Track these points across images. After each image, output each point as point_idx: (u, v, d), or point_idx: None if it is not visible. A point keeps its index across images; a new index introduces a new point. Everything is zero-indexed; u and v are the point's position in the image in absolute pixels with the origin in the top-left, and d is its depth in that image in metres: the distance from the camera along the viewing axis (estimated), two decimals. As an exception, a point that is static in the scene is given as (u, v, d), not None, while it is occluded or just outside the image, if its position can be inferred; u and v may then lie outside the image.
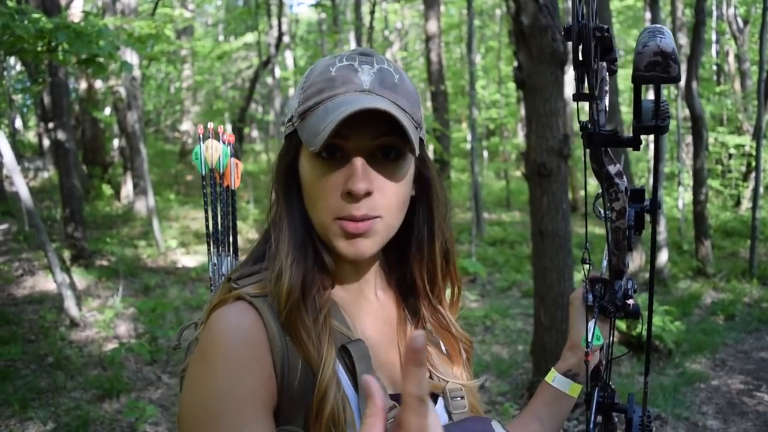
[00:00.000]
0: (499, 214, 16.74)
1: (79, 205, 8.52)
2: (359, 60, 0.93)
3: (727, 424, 4.79)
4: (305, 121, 0.91)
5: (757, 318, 7.47)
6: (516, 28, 4.72)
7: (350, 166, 0.90)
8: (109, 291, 7.51)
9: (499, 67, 19.52)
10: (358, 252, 0.92)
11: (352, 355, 0.90)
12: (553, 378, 1.15)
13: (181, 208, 13.23)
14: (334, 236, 0.92)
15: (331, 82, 0.91)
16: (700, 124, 9.88)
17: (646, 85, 0.75)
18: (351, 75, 0.91)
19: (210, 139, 1.26)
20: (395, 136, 0.90)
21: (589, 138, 0.79)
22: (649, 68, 0.71)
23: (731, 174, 17.47)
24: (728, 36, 18.40)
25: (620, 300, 0.99)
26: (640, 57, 0.71)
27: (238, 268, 1.00)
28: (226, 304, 0.91)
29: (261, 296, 0.91)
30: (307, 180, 0.94)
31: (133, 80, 10.96)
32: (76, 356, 5.64)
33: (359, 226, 0.90)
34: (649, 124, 0.77)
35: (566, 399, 1.14)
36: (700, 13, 9.60)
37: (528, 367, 5.53)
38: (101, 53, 4.19)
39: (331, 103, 0.89)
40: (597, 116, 0.79)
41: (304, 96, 0.93)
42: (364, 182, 0.88)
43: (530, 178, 4.78)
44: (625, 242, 0.94)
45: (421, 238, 1.02)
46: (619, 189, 0.88)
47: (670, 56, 0.70)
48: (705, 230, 9.90)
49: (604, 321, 1.11)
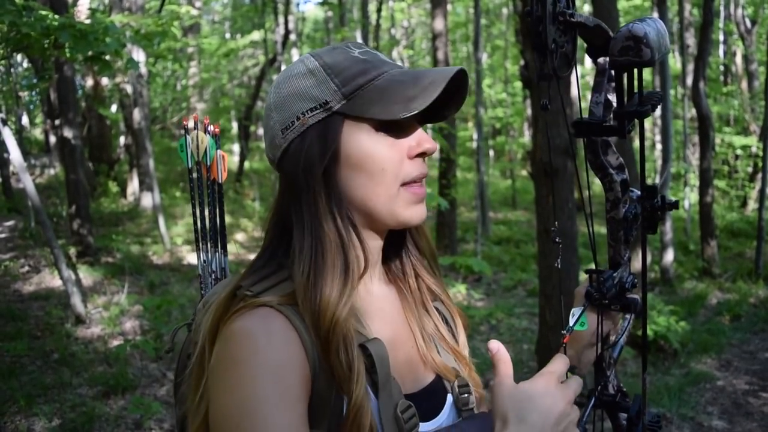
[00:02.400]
0: (504, 213, 16.72)
1: (85, 202, 8.54)
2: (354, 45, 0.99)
3: (733, 425, 4.78)
4: (361, 98, 0.91)
5: (762, 319, 7.44)
6: (523, 26, 4.72)
7: (412, 129, 0.96)
8: (115, 288, 7.53)
9: (506, 66, 19.49)
10: (423, 215, 0.98)
11: (372, 355, 0.88)
12: None
13: (187, 206, 13.24)
14: (403, 205, 0.95)
15: (369, 63, 0.95)
16: (707, 124, 9.84)
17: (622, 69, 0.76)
18: (379, 56, 0.98)
19: (196, 131, 1.21)
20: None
21: (578, 127, 0.80)
22: (622, 53, 0.73)
23: (738, 174, 17.40)
24: (736, 36, 18.31)
25: (613, 291, 0.97)
26: (614, 43, 0.73)
27: (248, 274, 0.94)
28: (248, 311, 0.86)
29: (287, 305, 0.87)
30: (369, 156, 0.92)
31: (140, 77, 10.99)
32: (82, 353, 5.66)
33: (422, 191, 0.97)
34: (630, 109, 0.78)
35: None
36: (708, 13, 9.56)
37: (533, 366, 5.52)
38: (107, 51, 4.20)
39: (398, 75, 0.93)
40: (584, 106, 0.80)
41: (341, 79, 0.92)
42: (434, 143, 0.95)
43: (536, 177, 4.78)
44: (621, 233, 0.94)
45: None
46: (613, 179, 0.88)
47: (641, 40, 0.72)
48: (711, 230, 9.87)
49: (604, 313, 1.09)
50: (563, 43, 0.70)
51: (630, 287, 1.00)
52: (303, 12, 24.39)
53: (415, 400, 0.93)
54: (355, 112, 0.91)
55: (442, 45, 11.91)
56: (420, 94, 0.89)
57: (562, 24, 0.69)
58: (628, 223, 0.94)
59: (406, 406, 0.90)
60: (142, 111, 11.01)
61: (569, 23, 0.71)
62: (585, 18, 0.74)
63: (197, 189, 1.23)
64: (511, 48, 18.34)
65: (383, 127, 0.93)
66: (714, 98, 16.77)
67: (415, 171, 0.95)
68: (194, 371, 0.92)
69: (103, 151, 13.85)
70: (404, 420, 0.89)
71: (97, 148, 13.73)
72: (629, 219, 0.93)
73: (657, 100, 0.81)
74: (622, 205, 0.92)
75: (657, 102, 0.81)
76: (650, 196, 0.92)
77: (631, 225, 0.94)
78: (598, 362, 1.09)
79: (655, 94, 0.82)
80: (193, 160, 1.23)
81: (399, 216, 0.95)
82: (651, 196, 0.92)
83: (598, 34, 0.79)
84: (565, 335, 0.90)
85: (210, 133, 1.22)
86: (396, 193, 0.93)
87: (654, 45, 0.74)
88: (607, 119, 0.82)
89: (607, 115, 0.83)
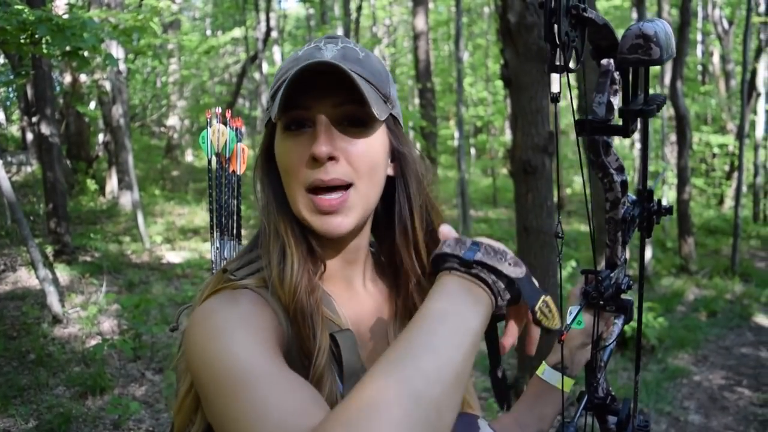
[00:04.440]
0: (485, 211, 16.78)
1: (62, 200, 8.44)
2: (325, 41, 0.97)
3: (709, 419, 4.84)
4: (275, 99, 0.92)
5: (738, 314, 7.55)
6: (503, 25, 4.74)
7: (314, 132, 0.91)
8: (93, 287, 7.44)
9: (487, 65, 19.55)
10: (332, 227, 0.92)
11: (339, 345, 0.90)
12: (543, 371, 1.14)
13: (167, 204, 13.15)
14: (307, 210, 0.92)
15: (295, 61, 0.94)
16: (684, 123, 9.96)
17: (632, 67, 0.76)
18: (314, 52, 0.94)
19: (217, 123, 1.26)
20: (356, 104, 0.91)
21: (581, 125, 0.80)
22: (631, 51, 0.73)
23: (715, 173, 17.63)
24: (713, 37, 18.54)
25: (609, 291, 0.98)
26: (624, 40, 0.73)
27: (235, 259, 1.00)
28: (225, 290, 0.91)
29: (262, 287, 0.92)
30: (278, 158, 0.96)
31: (119, 74, 10.88)
32: (59, 353, 5.60)
33: (333, 203, 0.91)
34: (635, 108, 0.79)
35: (554, 393, 1.12)
36: (686, 14, 9.68)
37: (513, 364, 5.55)
38: (85, 46, 4.15)
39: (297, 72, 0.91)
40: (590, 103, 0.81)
41: (275, 79, 0.96)
42: (326, 145, 0.89)
43: (516, 175, 4.80)
44: (619, 234, 0.94)
45: (404, 216, 1.01)
46: (613, 179, 0.89)
47: (651, 39, 0.72)
48: (688, 228, 9.99)
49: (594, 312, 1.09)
50: (574, 38, 0.70)
51: (626, 289, 1.01)
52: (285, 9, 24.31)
53: None
54: (270, 113, 0.94)
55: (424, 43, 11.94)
56: (278, 98, 0.89)
57: (574, 18, 0.69)
58: (626, 225, 0.94)
59: None
60: (121, 108, 10.89)
61: (581, 18, 0.71)
62: (596, 15, 0.74)
63: (215, 179, 1.27)
64: (493, 47, 18.40)
65: (289, 128, 0.93)
66: (692, 97, 16.95)
67: (311, 177, 0.90)
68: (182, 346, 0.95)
69: (82, 149, 13.68)
70: None
71: (75, 146, 13.55)
72: (627, 220, 0.94)
73: (662, 101, 0.82)
74: (622, 206, 0.92)
75: (662, 103, 0.82)
76: (649, 198, 0.93)
77: (629, 226, 0.95)
78: (589, 364, 1.08)
79: (659, 96, 0.83)
80: (213, 151, 1.25)
81: (308, 223, 0.93)
82: (649, 199, 0.93)
83: (604, 34, 0.79)
84: (564, 333, 0.90)
85: (231, 127, 1.27)
86: (300, 196, 0.92)
87: (663, 44, 0.75)
88: (610, 119, 0.82)
89: (609, 116, 0.83)
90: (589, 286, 0.98)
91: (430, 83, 12.24)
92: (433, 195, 1.04)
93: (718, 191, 17.23)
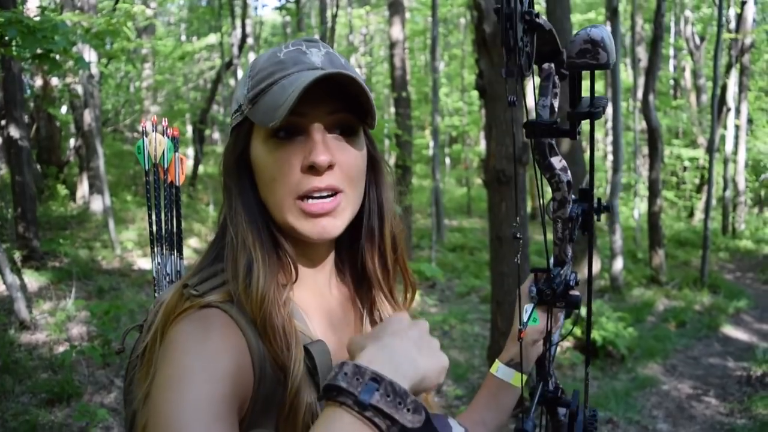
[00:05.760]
0: (459, 220, 16.87)
1: (31, 205, 8.30)
2: (306, 45, 0.95)
3: (677, 428, 4.90)
4: (258, 104, 0.90)
5: (706, 325, 7.67)
6: (478, 36, 4.78)
7: (309, 140, 0.89)
8: (62, 293, 7.32)
9: (463, 75, 19.69)
10: (324, 231, 0.91)
11: (314, 357, 0.89)
12: (497, 369, 1.15)
13: (139, 210, 12.99)
14: (296, 218, 0.90)
15: (281, 65, 0.91)
16: (656, 136, 10.12)
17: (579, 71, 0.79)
18: (300, 56, 0.92)
19: (154, 133, 1.20)
20: (350, 113, 0.91)
21: (530, 128, 0.82)
22: (579, 56, 0.76)
23: (685, 186, 17.93)
24: (685, 52, 18.90)
25: (560, 288, 1.00)
26: (572, 45, 0.76)
27: (194, 273, 0.94)
28: (191, 313, 0.86)
29: (228, 302, 0.88)
30: (262, 165, 0.92)
31: (91, 78, 10.75)
32: (26, 359, 5.49)
33: (325, 206, 0.90)
34: (582, 110, 0.81)
35: (510, 389, 1.14)
36: (658, 28, 9.85)
37: (484, 372, 5.57)
38: (56, 49, 4.09)
39: (286, 81, 0.89)
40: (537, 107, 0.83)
41: (252, 82, 0.92)
42: (326, 154, 0.88)
43: (489, 185, 4.83)
44: (567, 233, 0.97)
45: (373, 222, 1.01)
46: (560, 179, 0.91)
47: (598, 44, 0.75)
48: (659, 240, 10.13)
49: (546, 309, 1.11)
50: (527, 43, 0.72)
51: (574, 284, 1.03)
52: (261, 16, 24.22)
53: None
54: (252, 117, 0.91)
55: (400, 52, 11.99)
56: (284, 102, 0.85)
57: (527, 24, 0.71)
58: (572, 223, 0.96)
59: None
60: (93, 112, 10.76)
61: (532, 23, 0.72)
62: (544, 21, 0.76)
63: (153, 191, 1.21)
64: (468, 57, 18.56)
65: (277, 135, 0.90)
66: (664, 111, 17.25)
67: (306, 185, 0.89)
68: (142, 369, 0.90)
69: (52, 153, 13.48)
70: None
71: (45, 150, 13.35)
72: (574, 218, 0.96)
73: (605, 103, 0.85)
74: (568, 205, 0.95)
75: (605, 105, 0.85)
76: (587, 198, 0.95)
77: (575, 224, 0.97)
78: (540, 359, 1.12)
79: (602, 98, 0.85)
80: (150, 162, 1.21)
81: (294, 228, 0.91)
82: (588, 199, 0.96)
83: (548, 40, 0.81)
84: (522, 330, 0.92)
85: (168, 136, 1.21)
86: (289, 205, 0.90)
87: (609, 50, 0.77)
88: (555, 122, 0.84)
89: (552, 118, 0.86)
90: (542, 284, 1.01)
91: (406, 92, 12.28)
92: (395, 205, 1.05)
93: (689, 204, 17.52)
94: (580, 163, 7.37)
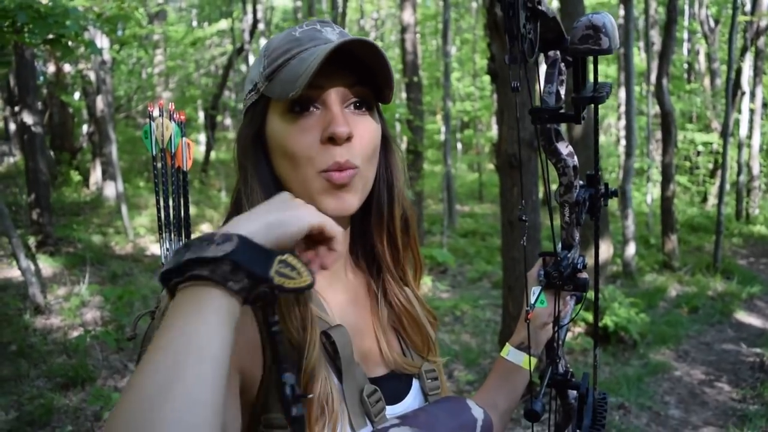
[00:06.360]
0: (471, 205, 16.84)
1: (45, 191, 8.37)
2: (320, 24, 0.95)
3: (688, 414, 4.89)
4: (275, 80, 0.90)
5: (719, 311, 7.63)
6: (490, 19, 4.74)
7: (328, 112, 0.89)
8: (76, 278, 7.39)
9: (474, 60, 19.58)
10: (345, 206, 0.90)
11: (335, 342, 0.89)
12: (507, 352, 1.16)
13: (151, 196, 13.05)
14: (320, 192, 0.90)
15: (297, 41, 0.91)
16: (669, 120, 10.02)
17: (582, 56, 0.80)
18: (316, 33, 0.92)
19: (161, 118, 1.19)
20: (365, 86, 0.91)
21: (536, 114, 0.82)
22: (582, 41, 0.77)
23: (699, 171, 17.77)
24: (699, 35, 18.66)
25: (567, 271, 1.00)
26: (575, 31, 0.76)
27: None
28: None
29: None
30: (281, 140, 0.91)
31: (103, 64, 10.78)
32: (41, 344, 5.55)
33: (343, 176, 0.89)
34: (586, 95, 0.82)
35: (521, 372, 1.14)
36: (673, 11, 9.72)
37: (496, 357, 5.58)
38: (67, 34, 4.10)
39: (305, 53, 0.88)
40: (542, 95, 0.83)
41: (268, 60, 0.92)
42: (345, 125, 0.87)
43: (501, 169, 4.81)
44: (573, 216, 0.97)
45: (382, 202, 1.00)
46: (566, 164, 0.92)
47: (600, 29, 0.76)
48: (672, 225, 10.06)
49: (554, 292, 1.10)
50: (530, 30, 0.72)
51: (581, 267, 1.04)
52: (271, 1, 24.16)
53: (379, 384, 0.94)
54: (269, 92, 0.91)
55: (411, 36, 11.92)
56: (305, 72, 0.84)
57: (530, 11, 0.71)
58: (579, 207, 0.96)
59: (371, 390, 0.91)
60: (106, 99, 10.80)
61: (535, 11, 0.73)
62: (547, 8, 0.76)
63: (161, 177, 1.20)
64: (480, 42, 18.44)
65: (293, 109, 0.90)
66: (677, 95, 17.07)
67: (327, 158, 0.88)
68: None
69: (65, 140, 13.56)
70: (371, 404, 0.90)
71: (58, 136, 13.43)
72: (581, 203, 0.96)
73: (609, 89, 0.85)
74: (575, 189, 0.94)
75: (609, 91, 0.85)
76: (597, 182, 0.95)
77: (581, 208, 0.97)
78: (550, 342, 1.12)
79: (606, 84, 0.85)
80: (157, 147, 1.20)
81: (317, 203, 0.89)
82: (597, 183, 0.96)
83: (551, 27, 0.82)
84: (529, 312, 0.93)
85: (175, 120, 1.21)
86: (312, 178, 0.89)
87: (611, 35, 0.78)
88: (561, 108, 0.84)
89: (558, 105, 0.86)
90: (549, 267, 1.01)
91: (417, 77, 12.23)
92: (406, 187, 1.04)
93: (702, 189, 17.37)
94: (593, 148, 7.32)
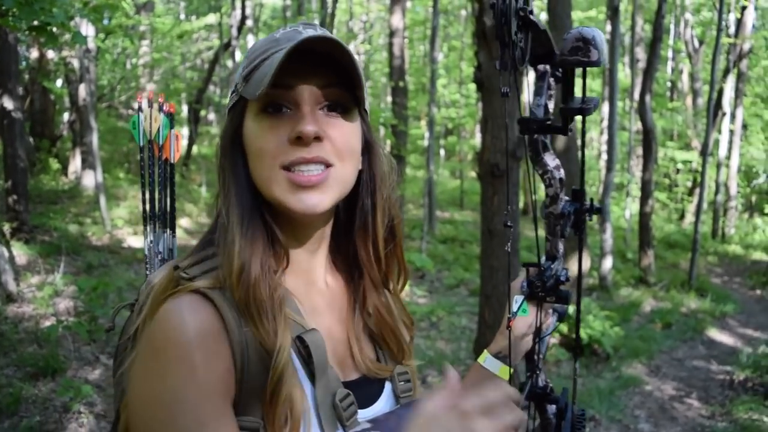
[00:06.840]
0: (452, 212, 16.89)
1: (23, 178, 8.24)
2: (303, 26, 0.94)
3: (658, 428, 4.94)
4: (250, 80, 0.90)
5: (692, 327, 7.73)
6: (478, 28, 4.76)
7: (298, 113, 0.89)
8: (50, 267, 7.29)
9: (461, 67, 19.65)
10: (309, 205, 0.89)
11: (309, 346, 0.88)
12: (484, 359, 1.14)
13: (131, 188, 12.93)
14: (282, 190, 0.89)
15: (275, 42, 0.91)
16: (650, 137, 10.14)
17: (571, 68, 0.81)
18: (295, 35, 0.91)
19: (150, 109, 1.19)
20: (341, 88, 0.91)
21: (524, 124, 0.83)
22: (572, 53, 0.78)
23: (677, 188, 18.01)
24: (684, 55, 18.92)
25: (551, 282, 1.01)
26: (565, 43, 0.78)
27: (187, 255, 0.94)
28: (177, 297, 0.85)
29: (216, 288, 0.86)
30: (252, 140, 0.91)
31: (88, 52, 10.66)
32: (11, 332, 5.47)
33: (312, 178, 0.88)
34: (574, 107, 0.83)
35: (494, 381, 1.12)
36: (658, 30, 9.85)
37: (470, 364, 5.59)
38: (53, 22, 4.04)
39: (279, 53, 0.87)
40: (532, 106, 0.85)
41: (248, 61, 0.93)
42: (313, 125, 0.87)
43: (483, 178, 4.83)
44: (558, 228, 0.97)
45: (366, 210, 1.00)
46: (553, 176, 0.93)
47: (590, 42, 0.78)
48: (649, 241, 10.18)
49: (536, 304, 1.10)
50: (521, 39, 0.72)
51: (564, 280, 1.04)
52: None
53: (352, 387, 0.93)
54: (245, 93, 0.91)
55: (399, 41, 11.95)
56: (270, 71, 0.85)
57: (521, 20, 0.71)
58: (564, 219, 0.97)
59: (344, 394, 0.91)
60: (89, 87, 10.68)
61: (526, 20, 0.73)
62: (537, 20, 0.77)
63: (147, 168, 1.20)
64: (468, 50, 18.51)
65: (265, 109, 0.90)
66: (659, 113, 17.28)
67: (293, 155, 0.87)
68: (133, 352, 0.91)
69: (46, 127, 13.38)
70: (343, 408, 0.90)
71: (39, 123, 13.25)
72: (566, 215, 0.96)
73: (597, 103, 0.86)
74: (560, 201, 0.95)
75: (596, 104, 0.86)
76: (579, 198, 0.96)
77: (566, 221, 0.98)
78: (530, 354, 1.12)
79: (593, 98, 0.86)
80: (145, 138, 1.19)
81: (281, 202, 0.89)
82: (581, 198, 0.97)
83: (542, 40, 0.82)
84: (511, 319, 0.93)
85: (164, 112, 1.20)
86: (275, 176, 0.89)
87: (600, 48, 0.78)
88: (549, 119, 0.85)
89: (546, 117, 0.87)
90: (533, 277, 1.02)
91: (404, 82, 12.26)
92: (395, 194, 1.03)
93: (680, 206, 17.60)
94: (574, 161, 7.38)
